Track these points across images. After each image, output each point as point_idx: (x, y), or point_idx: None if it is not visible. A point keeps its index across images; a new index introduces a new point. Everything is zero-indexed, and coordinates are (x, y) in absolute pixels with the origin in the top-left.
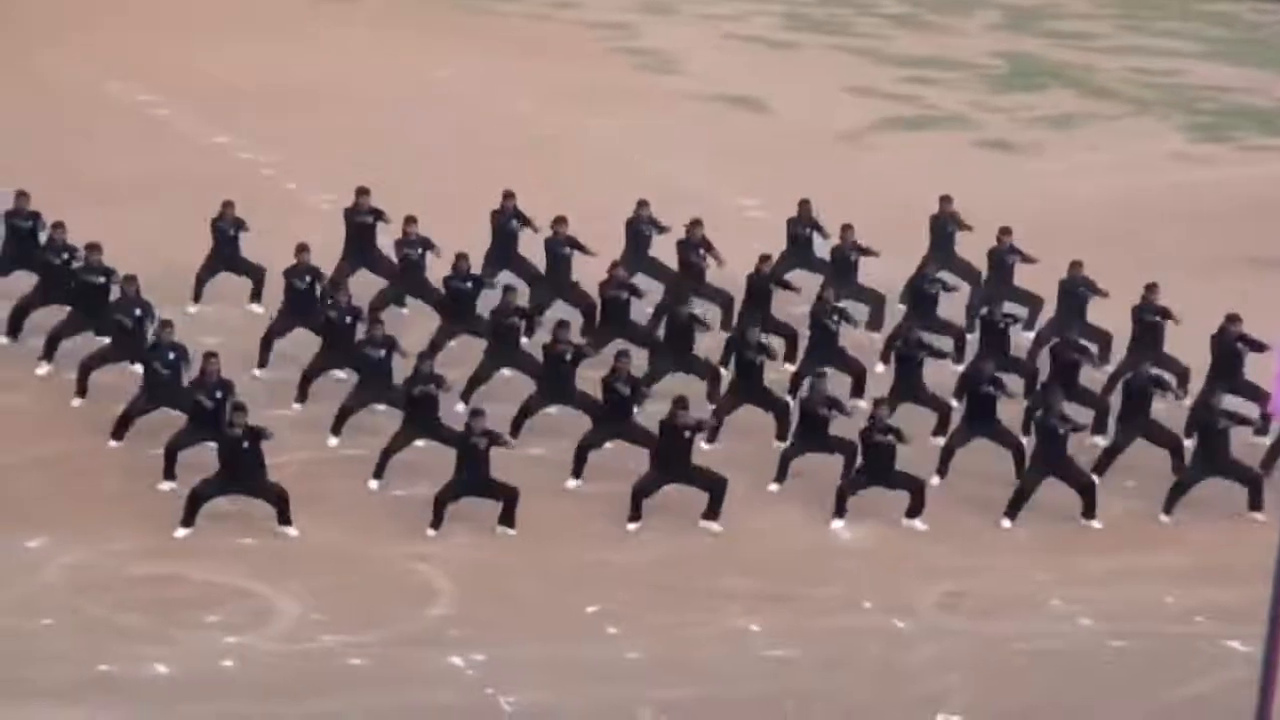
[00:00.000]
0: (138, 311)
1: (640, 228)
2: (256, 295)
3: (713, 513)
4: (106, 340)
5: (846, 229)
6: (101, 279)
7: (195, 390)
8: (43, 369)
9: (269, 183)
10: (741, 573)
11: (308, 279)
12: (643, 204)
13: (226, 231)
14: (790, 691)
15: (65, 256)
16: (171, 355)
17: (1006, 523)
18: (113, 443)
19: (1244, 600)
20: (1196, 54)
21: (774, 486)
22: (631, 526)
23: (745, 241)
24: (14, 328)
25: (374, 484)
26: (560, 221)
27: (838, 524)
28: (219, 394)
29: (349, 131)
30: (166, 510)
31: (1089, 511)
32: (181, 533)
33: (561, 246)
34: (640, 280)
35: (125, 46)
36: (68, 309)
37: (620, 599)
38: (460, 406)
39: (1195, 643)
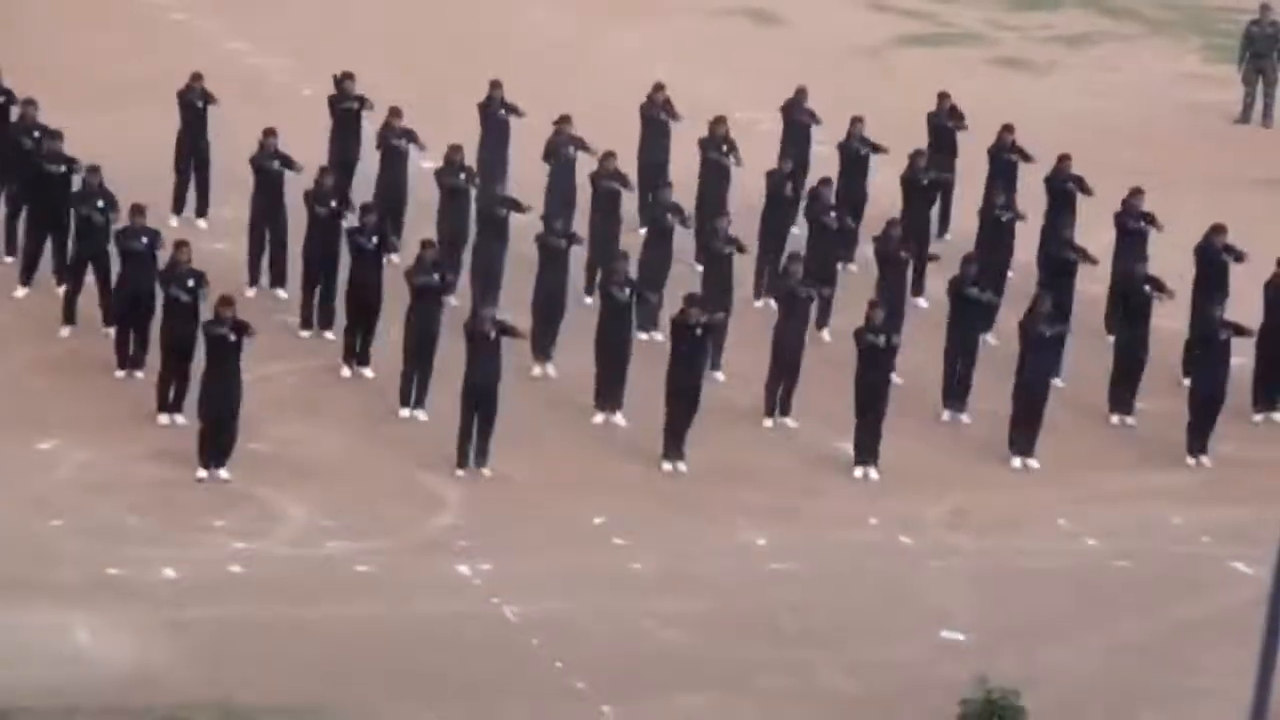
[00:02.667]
0: (100, 203)
1: (655, 113)
2: (202, 210)
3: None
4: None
5: (856, 120)
6: (62, 168)
7: (167, 282)
8: (20, 292)
9: (281, 87)
10: (748, 486)
11: (276, 163)
12: (659, 87)
13: (195, 104)
14: (795, 606)
15: (36, 135)
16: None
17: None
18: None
19: (1251, 520)
20: None
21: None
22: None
23: (759, 154)
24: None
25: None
26: (564, 120)
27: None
28: (192, 283)
29: (365, 36)
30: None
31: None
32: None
33: (566, 146)
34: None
35: None
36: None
37: (627, 510)
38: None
39: (1201, 563)
